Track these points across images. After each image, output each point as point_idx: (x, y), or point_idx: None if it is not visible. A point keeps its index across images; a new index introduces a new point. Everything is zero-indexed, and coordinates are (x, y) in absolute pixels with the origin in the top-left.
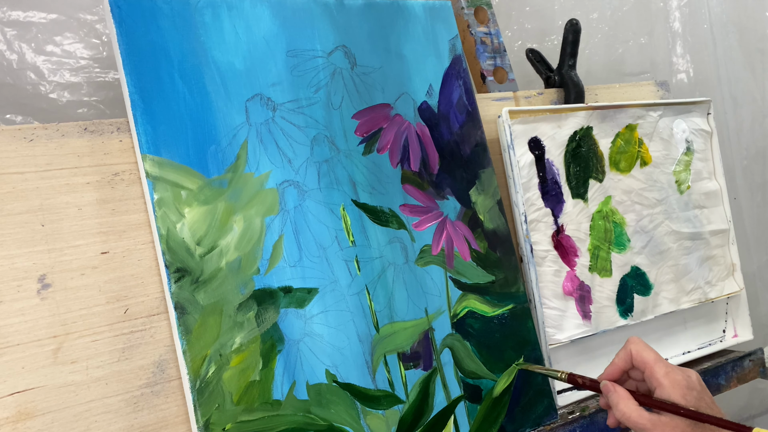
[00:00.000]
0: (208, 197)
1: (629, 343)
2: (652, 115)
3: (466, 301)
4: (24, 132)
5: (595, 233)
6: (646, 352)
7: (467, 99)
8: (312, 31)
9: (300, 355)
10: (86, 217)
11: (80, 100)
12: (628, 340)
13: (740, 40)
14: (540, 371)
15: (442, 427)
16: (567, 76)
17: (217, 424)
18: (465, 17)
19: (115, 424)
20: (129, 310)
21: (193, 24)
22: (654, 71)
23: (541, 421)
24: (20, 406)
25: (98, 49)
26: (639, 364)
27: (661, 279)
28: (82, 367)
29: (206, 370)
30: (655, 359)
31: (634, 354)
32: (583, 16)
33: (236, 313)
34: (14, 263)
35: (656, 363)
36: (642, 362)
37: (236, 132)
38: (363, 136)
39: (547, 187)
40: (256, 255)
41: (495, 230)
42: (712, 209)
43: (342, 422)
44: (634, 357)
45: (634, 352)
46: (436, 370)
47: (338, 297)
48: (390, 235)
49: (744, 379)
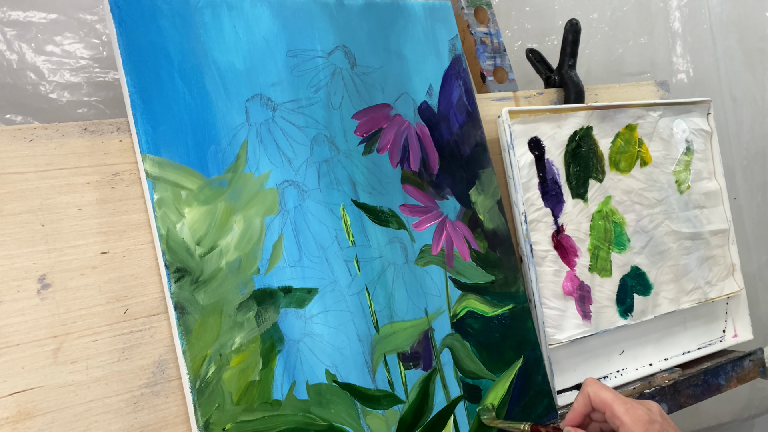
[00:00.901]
0: (208, 197)
1: (585, 385)
2: (652, 115)
3: (465, 301)
4: (24, 132)
5: (595, 233)
6: (603, 393)
7: (467, 99)
8: (312, 31)
9: (300, 355)
10: (86, 217)
11: (80, 100)
12: (585, 383)
13: (740, 40)
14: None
15: (441, 427)
16: (567, 76)
17: (217, 424)
18: (465, 17)
19: (115, 424)
20: (129, 310)
21: (193, 24)
22: (654, 71)
23: (541, 421)
24: (20, 406)
25: (98, 49)
26: (598, 405)
27: (661, 279)
28: (82, 367)
29: (206, 370)
30: (612, 398)
31: (592, 396)
32: (583, 16)
33: (236, 313)
34: (14, 263)
35: (614, 401)
36: (601, 403)
37: (236, 132)
38: (363, 136)
39: (547, 187)
40: (256, 255)
41: (495, 230)
42: (712, 209)
43: (342, 422)
44: (593, 398)
45: (592, 393)
46: (435, 370)
47: (338, 297)
48: (390, 235)
49: (744, 379)
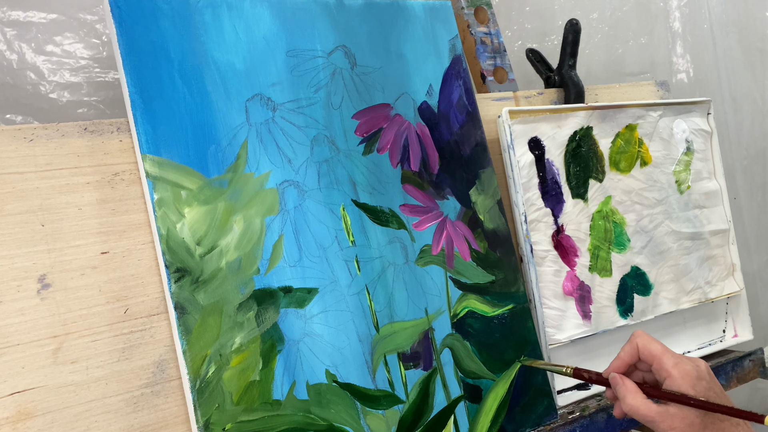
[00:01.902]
0: (208, 197)
1: (635, 337)
2: (652, 115)
3: (466, 301)
4: (24, 132)
5: (595, 233)
6: (653, 345)
7: (467, 99)
8: (312, 31)
9: (300, 355)
10: (86, 217)
11: (80, 100)
12: (634, 334)
13: (740, 40)
14: (544, 367)
15: (442, 427)
16: (567, 76)
17: (217, 424)
18: (465, 17)
19: (115, 424)
20: (129, 310)
21: (193, 24)
22: (654, 71)
23: (541, 421)
24: (20, 406)
25: (98, 49)
26: (646, 357)
27: (661, 279)
28: (82, 367)
29: (206, 370)
30: (662, 351)
31: (641, 347)
32: (583, 16)
33: (236, 313)
34: (14, 263)
35: (664, 354)
36: (650, 355)
37: (236, 132)
38: (363, 136)
39: (547, 187)
40: (256, 255)
41: (495, 230)
42: (712, 209)
43: (342, 422)
44: (641, 350)
45: (641, 345)
46: (436, 370)
47: (338, 297)
48: (390, 235)
49: (744, 379)
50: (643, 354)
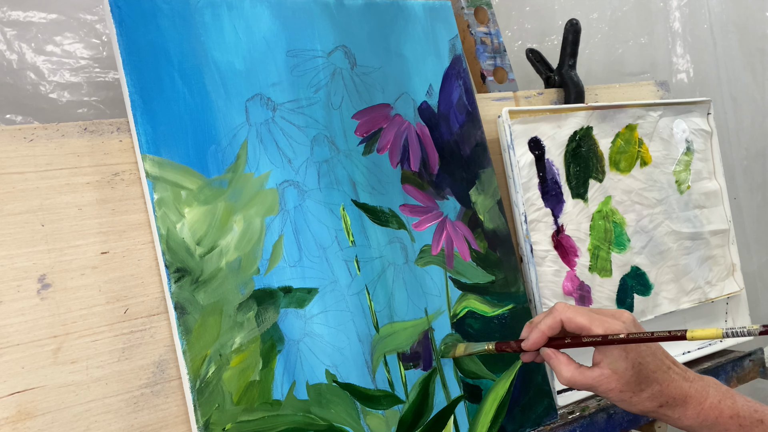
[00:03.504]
0: (208, 197)
1: (558, 312)
2: (652, 115)
3: (465, 301)
4: (24, 132)
5: (595, 233)
6: (578, 318)
7: (467, 99)
8: (312, 31)
9: (300, 355)
10: (86, 217)
11: (80, 100)
12: (555, 309)
13: (740, 40)
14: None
15: (441, 427)
16: (567, 76)
17: (217, 424)
18: (465, 17)
19: (115, 424)
20: (129, 310)
21: (193, 24)
22: (654, 71)
23: (541, 421)
24: (20, 406)
25: (98, 49)
26: (573, 329)
27: (661, 279)
28: (82, 367)
29: (206, 370)
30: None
31: (566, 322)
32: (583, 16)
33: (236, 313)
34: (14, 263)
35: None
36: (577, 328)
37: (236, 132)
38: (363, 136)
39: (547, 187)
40: (256, 255)
41: (495, 230)
42: (712, 209)
43: (342, 422)
44: (567, 325)
45: (566, 320)
46: (435, 370)
47: (338, 297)
48: (390, 235)
49: (744, 379)
50: (570, 327)
